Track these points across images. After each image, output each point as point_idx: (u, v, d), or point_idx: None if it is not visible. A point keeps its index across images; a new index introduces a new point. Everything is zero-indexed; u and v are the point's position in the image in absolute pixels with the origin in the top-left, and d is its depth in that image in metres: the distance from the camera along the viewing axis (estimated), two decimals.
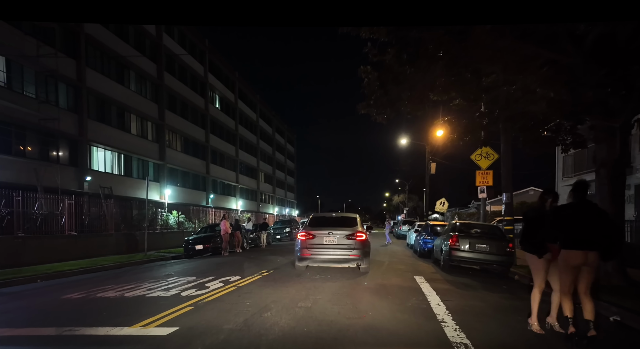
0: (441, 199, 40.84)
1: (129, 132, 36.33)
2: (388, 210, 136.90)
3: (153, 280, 13.10)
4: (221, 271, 15.14)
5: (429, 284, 11.89)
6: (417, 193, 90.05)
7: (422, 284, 11.79)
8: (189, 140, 48.04)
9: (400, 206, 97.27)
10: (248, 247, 29.97)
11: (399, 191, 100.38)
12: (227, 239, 24.46)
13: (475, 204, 63.58)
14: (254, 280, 12.59)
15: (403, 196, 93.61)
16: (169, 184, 41.86)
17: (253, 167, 72.96)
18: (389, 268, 16.12)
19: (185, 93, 46.50)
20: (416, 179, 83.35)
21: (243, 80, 67.01)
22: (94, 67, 31.67)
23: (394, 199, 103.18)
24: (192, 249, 24.30)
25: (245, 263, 18.63)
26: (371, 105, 14.66)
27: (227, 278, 13.09)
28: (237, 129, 63.95)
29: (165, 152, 41.45)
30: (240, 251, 26.18)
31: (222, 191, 59.40)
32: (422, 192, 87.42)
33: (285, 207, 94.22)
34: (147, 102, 39.13)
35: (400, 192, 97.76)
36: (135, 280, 13.26)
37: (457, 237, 15.11)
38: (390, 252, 25.25)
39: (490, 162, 20.96)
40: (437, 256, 17.91)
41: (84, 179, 30.09)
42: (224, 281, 12.31)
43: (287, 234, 42.12)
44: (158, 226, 33.39)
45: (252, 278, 12.95)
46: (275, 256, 21.76)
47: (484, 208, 23.66)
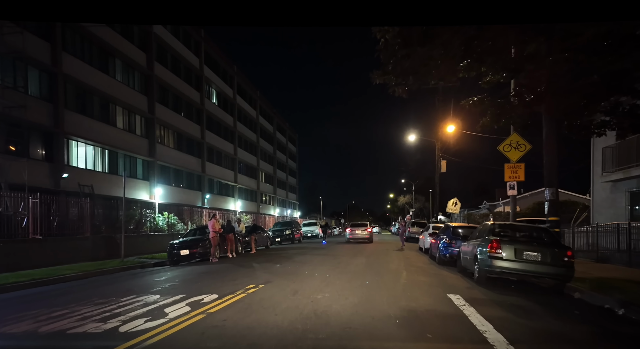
0: (453, 199, 37.75)
1: (114, 126, 33.11)
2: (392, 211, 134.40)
3: (102, 301, 9.85)
4: (198, 286, 11.94)
5: (474, 308, 8.61)
6: (423, 194, 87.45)
7: (465, 309, 8.51)
8: (182, 136, 44.77)
9: (406, 207, 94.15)
10: (244, 251, 26.95)
11: (404, 192, 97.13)
12: (216, 243, 21.31)
13: (487, 205, 60.38)
14: (235, 300, 9.37)
15: (409, 196, 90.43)
16: (160, 183, 38.53)
17: (253, 167, 69.71)
18: (411, 281, 12.85)
19: (178, 86, 43.23)
20: (423, 180, 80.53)
21: (242, 74, 63.79)
22: (72, 52, 28.44)
23: (399, 200, 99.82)
24: (177, 254, 21.20)
25: (233, 272, 15.43)
26: (389, 72, 11.39)
27: (200, 297, 9.85)
28: (236, 126, 60.69)
29: (155, 148, 38.19)
30: (233, 257, 23.08)
31: (220, 191, 56.16)
32: (429, 193, 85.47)
33: (286, 209, 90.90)
34: (135, 94, 35.90)
35: (406, 193, 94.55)
36: (80, 300, 10.05)
37: (498, 242, 11.82)
38: (404, 258, 22.05)
39: (521, 153, 17.73)
40: (466, 264, 14.66)
41: (60, 176, 26.83)
42: (193, 304, 9.07)
43: (287, 236, 39.16)
44: (146, 228, 30.44)
45: (233, 297, 9.73)
46: (271, 263, 18.54)
47: (514, 208, 20.43)
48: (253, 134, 69.75)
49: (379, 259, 21.27)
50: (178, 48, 43.15)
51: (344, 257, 21.32)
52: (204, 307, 8.67)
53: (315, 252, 25.76)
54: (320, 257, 21.90)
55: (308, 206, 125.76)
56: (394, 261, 20.32)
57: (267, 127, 78.15)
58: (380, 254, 24.86)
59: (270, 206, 79.99)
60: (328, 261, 19.21)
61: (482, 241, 12.74)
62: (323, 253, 24.71)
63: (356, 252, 25.67)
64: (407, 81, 11.60)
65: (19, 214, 18.64)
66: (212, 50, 51.94)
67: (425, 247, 26.21)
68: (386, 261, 19.84)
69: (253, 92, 69.92)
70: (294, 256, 22.60)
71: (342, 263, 18.48)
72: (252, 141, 69.49)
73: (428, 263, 19.97)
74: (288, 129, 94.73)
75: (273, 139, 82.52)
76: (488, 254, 11.89)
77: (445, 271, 16.31)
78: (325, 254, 24.17)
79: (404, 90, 11.99)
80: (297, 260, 19.87)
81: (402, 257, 22.80)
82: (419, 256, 23.62)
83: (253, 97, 70.15)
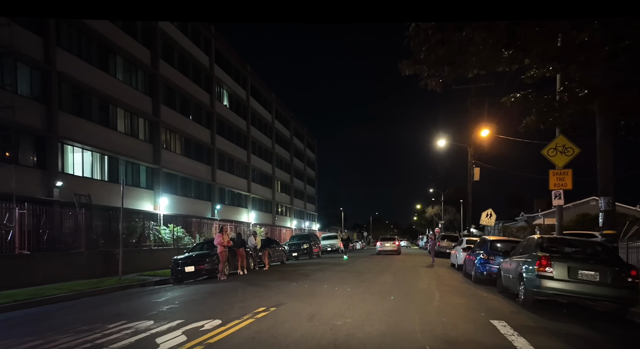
0: (487, 211, 36.69)
1: (114, 130, 32.72)
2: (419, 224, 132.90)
3: (85, 328, 9.20)
4: (200, 309, 11.29)
5: (525, 339, 7.76)
6: (453, 205, 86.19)
7: (515, 340, 7.68)
8: (190, 141, 44.35)
9: (435, 219, 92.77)
10: (257, 267, 26.28)
11: (432, 203, 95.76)
12: (225, 259, 20.63)
13: (524, 217, 59.24)
14: (240, 327, 8.65)
15: (438, 207, 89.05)
16: (166, 193, 38.14)
17: (268, 175, 69.21)
18: (445, 304, 12.02)
19: (186, 86, 42.86)
20: (453, 190, 79.37)
21: (256, 74, 63.47)
22: (68, 48, 28.09)
23: (427, 211, 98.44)
24: (181, 271, 20.61)
25: (242, 292, 14.78)
26: (420, 61, 10.60)
27: (200, 323, 9.15)
28: (249, 131, 60.26)
29: (160, 154, 37.74)
30: (244, 274, 22.43)
31: (232, 202, 55.67)
32: (460, 203, 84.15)
33: (304, 221, 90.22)
34: (139, 94, 35.55)
35: (435, 203, 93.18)
36: (61, 327, 9.43)
37: (548, 259, 10.95)
38: (435, 276, 21.20)
39: (568, 158, 16.81)
40: (508, 284, 13.79)
41: (53, 185, 26.40)
42: (192, 332, 8.37)
43: (305, 251, 38.33)
44: (150, 242, 29.95)
45: (239, 323, 9.01)
46: (286, 281, 17.79)
47: (561, 220, 19.43)
48: (268, 140, 69.30)
49: (407, 277, 20.46)
50: (186, 45, 42.79)
51: (368, 275, 20.53)
52: (203, 336, 7.97)
53: (336, 268, 25.00)
54: (341, 274, 21.14)
55: (328, 218, 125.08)
56: (424, 279, 19.49)
57: (283, 132, 77.70)
58: (408, 271, 24.03)
59: (287, 218, 79.39)
60: (350, 279, 18.44)
61: (529, 257, 11.88)
62: (344, 270, 23.94)
63: (381, 269, 24.85)
64: (442, 72, 10.80)
65: (3, 226, 18.11)
66: (223, 48, 51.60)
67: (458, 263, 25.35)
68: (415, 280, 19.02)
69: (268, 94, 69.52)
70: (312, 273, 21.85)
71: (365, 281, 17.70)
72: (267, 147, 69.03)
73: (462, 281, 19.13)
74: (306, 135, 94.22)
75: (290, 145, 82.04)
76: (536, 273, 11.03)
77: (483, 291, 15.46)
78: (346, 270, 23.40)
79: (437, 82, 11.19)
80: (315, 278, 19.12)
81: (433, 274, 21.96)
82: (451, 274, 22.76)
83: (268, 99, 69.76)
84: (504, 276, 14.40)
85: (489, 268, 17.64)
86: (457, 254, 25.78)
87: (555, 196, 17.75)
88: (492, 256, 17.82)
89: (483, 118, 33.99)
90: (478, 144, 36.22)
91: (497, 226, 49.34)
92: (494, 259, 17.56)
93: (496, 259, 17.48)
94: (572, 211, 47.32)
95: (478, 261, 18.42)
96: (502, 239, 20.35)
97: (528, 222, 55.43)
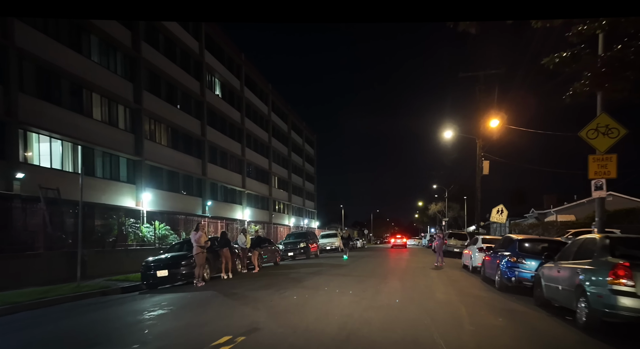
0: (498, 206, 33.77)
1: (89, 117, 29.42)
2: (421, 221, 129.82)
3: None
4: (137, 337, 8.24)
5: None
6: (457, 201, 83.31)
7: None
8: (178, 132, 41.01)
9: (438, 216, 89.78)
10: (246, 269, 23.41)
11: (435, 199, 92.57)
12: (203, 262, 17.56)
13: (535, 213, 56.08)
14: None
15: (441, 204, 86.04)
16: (149, 187, 34.82)
17: (264, 170, 65.90)
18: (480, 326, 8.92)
19: (172, 72, 39.45)
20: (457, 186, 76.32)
21: (251, 64, 60.01)
22: (30, 22, 24.50)
23: (430, 208, 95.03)
24: (153, 276, 17.74)
25: (211, 308, 11.75)
26: None
27: None
28: (244, 123, 56.89)
29: (143, 145, 34.38)
30: (229, 278, 19.53)
31: (225, 198, 52.42)
32: (464, 200, 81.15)
33: (303, 218, 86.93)
34: (118, 79, 32.22)
35: (438, 200, 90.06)
36: None
37: (627, 269, 7.83)
38: (449, 280, 18.20)
39: (612, 141, 13.68)
40: (555, 297, 10.74)
41: (13, 177, 23.16)
42: None
43: (301, 250, 35.55)
44: (131, 241, 27.14)
45: None
46: (272, 289, 14.67)
47: (603, 213, 16.17)
48: (264, 133, 65.95)
49: (417, 282, 17.36)
50: (172, 28, 39.36)
51: (372, 280, 17.42)
52: None
53: (334, 271, 21.91)
54: (339, 279, 18.03)
55: (328, 216, 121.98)
56: (438, 285, 16.43)
57: (280, 126, 74.33)
58: (416, 274, 21.01)
59: (285, 215, 76.22)
60: (350, 286, 15.38)
61: (594, 264, 8.75)
62: (344, 273, 20.83)
63: (386, 271, 21.85)
64: None
65: None
66: (214, 34, 48.17)
67: (473, 265, 22.36)
68: (428, 286, 15.92)
69: (264, 85, 66.13)
70: (306, 277, 18.76)
71: (369, 289, 14.59)
72: (264, 141, 65.71)
73: (484, 288, 16.09)
74: (305, 129, 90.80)
75: (287, 140, 78.69)
76: (609, 286, 7.94)
77: (516, 303, 12.42)
78: (346, 274, 20.30)
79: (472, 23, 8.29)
80: (307, 285, 16.02)
81: (446, 279, 18.90)
82: (467, 278, 19.71)
83: (264, 91, 66.36)
84: (548, 285, 11.28)
85: (518, 273, 14.62)
86: (472, 255, 22.71)
87: (595, 186, 14.53)
88: (521, 259, 14.81)
89: (493, 107, 31.87)
90: (487, 136, 33.78)
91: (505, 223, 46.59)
92: (525, 263, 14.59)
93: (527, 262, 14.58)
94: (587, 207, 44.60)
95: (504, 264, 15.34)
96: (534, 239, 17.27)
97: (539, 219, 52.54)
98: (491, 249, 18.99)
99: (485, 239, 23.37)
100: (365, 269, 23.50)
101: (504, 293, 14.68)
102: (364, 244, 73.23)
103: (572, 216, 45.22)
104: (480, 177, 35.88)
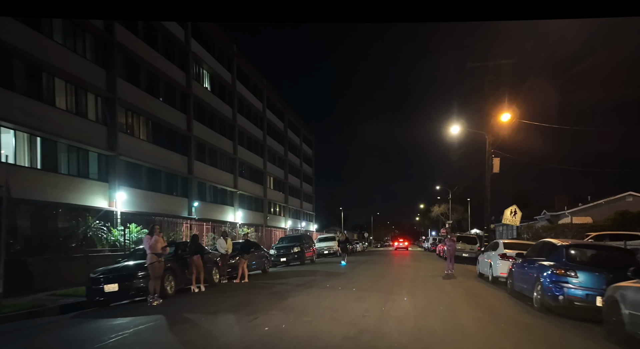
0: (511, 207, 30.51)
1: (51, 105, 25.81)
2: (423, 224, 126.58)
3: None
4: None
5: None
6: (461, 203, 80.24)
7: None
8: (160, 126, 37.34)
9: (441, 218, 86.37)
10: (226, 279, 20.10)
11: (438, 201, 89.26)
12: (160, 273, 13.97)
13: (547, 215, 52.55)
14: None
15: (445, 206, 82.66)
16: (125, 186, 31.13)
17: (258, 170, 62.21)
18: None
19: (154, 60, 35.86)
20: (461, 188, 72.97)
21: (243, 56, 56.30)
22: None
23: (433, 210, 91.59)
24: (100, 291, 14.22)
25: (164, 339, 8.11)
26: None
27: None
28: (236, 119, 53.18)
29: (117, 138, 30.71)
30: (200, 291, 16.25)
31: (214, 199, 48.73)
32: (467, 202, 77.85)
33: (300, 221, 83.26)
34: (87, 64, 28.58)
35: (441, 202, 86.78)
36: None
37: None
38: (468, 294, 14.75)
39: None
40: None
41: None
42: None
43: (295, 255, 32.34)
44: (101, 246, 23.82)
45: None
46: (240, 312, 11.04)
47: None
48: (258, 131, 62.26)
49: (433, 299, 13.72)
50: None
51: (374, 296, 13.81)
52: None
53: (329, 282, 18.35)
54: (334, 294, 14.45)
55: (328, 218, 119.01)
56: (460, 303, 12.87)
57: (276, 124, 70.58)
58: (427, 285, 17.47)
59: (281, 218, 72.53)
60: (346, 306, 11.82)
61: None
62: (340, 285, 17.19)
63: (391, 282, 18.30)
64: None
65: None
66: (203, 22, 44.59)
67: (493, 274, 18.94)
68: (448, 307, 12.28)
69: (258, 80, 62.40)
70: (292, 291, 15.20)
71: (371, 311, 10.97)
72: (258, 139, 61.99)
73: (519, 308, 12.57)
74: (302, 128, 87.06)
75: (284, 139, 74.96)
76: None
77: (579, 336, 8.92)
78: (342, 286, 16.67)
79: None
80: (291, 304, 12.40)
81: (465, 293, 15.41)
82: (490, 292, 16.16)
83: (258, 86, 62.64)
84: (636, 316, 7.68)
85: (567, 290, 11.04)
86: (493, 262, 19.19)
87: None
88: (571, 271, 11.26)
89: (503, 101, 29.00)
90: (497, 132, 30.71)
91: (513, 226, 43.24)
92: (577, 277, 11.03)
93: (580, 275, 11.01)
94: (605, 209, 42.05)
95: (547, 277, 11.77)
96: (584, 244, 13.69)
97: (551, 221, 49.27)
98: (520, 256, 15.42)
99: (508, 244, 19.82)
100: (365, 279, 19.95)
101: (548, 315, 11.20)
102: (365, 247, 69.81)
103: (588, 218, 42.33)
104: (490, 176, 32.54)
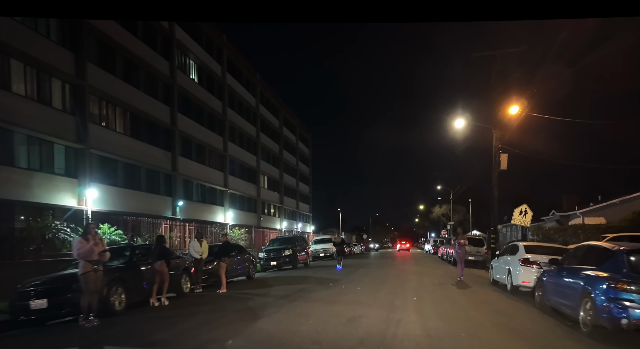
0: (521, 207, 27.81)
1: (6, 90, 22.84)
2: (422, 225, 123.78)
3: None
4: None
5: None
6: (462, 204, 77.63)
7: None
8: (140, 118, 34.26)
9: (442, 219, 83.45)
10: (199, 288, 17.51)
11: (439, 202, 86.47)
12: (95, 287, 10.92)
13: (556, 216, 49.59)
14: None
15: (446, 206, 79.87)
16: (96, 182, 27.96)
17: (251, 168, 59.21)
18: None
19: (131, 46, 32.77)
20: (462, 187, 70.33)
21: (234, 48, 53.27)
22: None
23: (434, 211, 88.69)
24: (25, 308, 11.26)
25: None
26: None
27: None
28: (226, 114, 50.10)
29: (87, 130, 27.60)
30: (162, 305, 13.35)
31: (202, 198, 45.70)
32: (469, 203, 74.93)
33: (297, 222, 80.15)
34: (51, 45, 25.62)
35: (442, 202, 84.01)
36: None
37: None
38: (491, 310, 11.77)
39: None
40: None
41: None
42: None
43: (287, 259, 29.52)
44: (66, 249, 20.85)
45: None
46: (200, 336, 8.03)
47: None
48: (251, 127, 59.19)
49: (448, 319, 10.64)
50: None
51: (371, 313, 10.78)
52: None
53: (320, 292, 15.36)
54: (322, 311, 11.41)
55: (326, 220, 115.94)
56: (484, 325, 9.96)
57: (270, 121, 67.52)
58: (436, 297, 14.44)
59: (276, 218, 69.51)
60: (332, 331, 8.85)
61: None
62: (332, 297, 14.16)
63: (393, 292, 15.27)
64: None
65: None
66: None
67: (513, 283, 15.95)
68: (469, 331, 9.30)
69: (251, 74, 59.33)
70: (271, 307, 12.16)
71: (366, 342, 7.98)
72: (251, 136, 59.00)
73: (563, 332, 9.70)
74: (298, 126, 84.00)
75: (279, 136, 71.91)
76: None
77: None
78: (335, 299, 13.69)
79: None
80: (262, 329, 9.41)
81: (486, 308, 12.45)
82: (512, 305, 13.23)
83: (251, 80, 59.60)
84: None
85: (633, 312, 8.15)
86: (512, 269, 16.19)
87: None
88: (637, 285, 8.28)
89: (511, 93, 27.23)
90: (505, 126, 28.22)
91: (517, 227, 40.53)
92: None
93: None
94: (619, 208, 39.06)
95: (601, 293, 8.87)
96: None
97: (561, 222, 46.50)
98: (554, 262, 12.45)
99: (530, 247, 16.77)
100: (363, 289, 16.90)
101: (603, 344, 8.28)
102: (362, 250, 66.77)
103: (601, 218, 39.55)
104: (497, 173, 29.74)
